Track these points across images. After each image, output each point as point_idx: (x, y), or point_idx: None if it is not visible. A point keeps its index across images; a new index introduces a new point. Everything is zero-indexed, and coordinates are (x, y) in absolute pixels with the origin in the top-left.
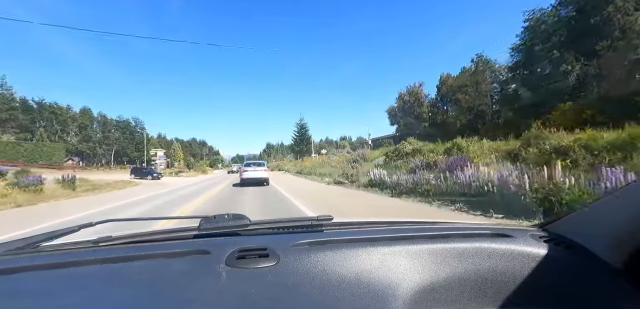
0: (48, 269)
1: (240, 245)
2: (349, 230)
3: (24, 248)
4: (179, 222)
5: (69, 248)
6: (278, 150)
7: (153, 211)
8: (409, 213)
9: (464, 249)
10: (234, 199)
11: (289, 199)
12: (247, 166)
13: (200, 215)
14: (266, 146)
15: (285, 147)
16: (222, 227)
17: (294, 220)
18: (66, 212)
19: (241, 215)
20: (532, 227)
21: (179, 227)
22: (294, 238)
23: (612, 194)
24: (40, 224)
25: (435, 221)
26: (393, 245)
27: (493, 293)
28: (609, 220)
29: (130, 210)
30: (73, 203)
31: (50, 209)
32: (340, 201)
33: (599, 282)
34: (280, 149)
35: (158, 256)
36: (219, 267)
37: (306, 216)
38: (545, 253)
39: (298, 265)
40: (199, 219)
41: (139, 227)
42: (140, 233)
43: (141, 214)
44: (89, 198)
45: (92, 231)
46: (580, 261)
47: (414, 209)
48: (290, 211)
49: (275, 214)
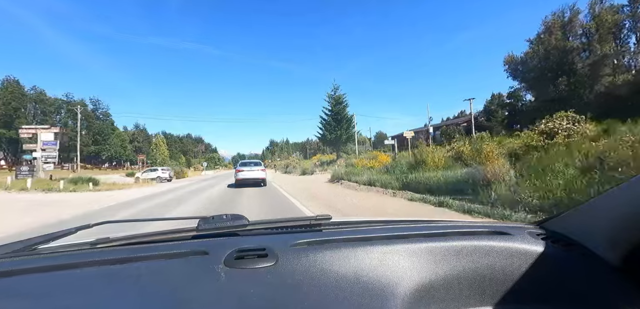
0: (46, 271)
1: (238, 245)
2: (347, 229)
3: (21, 250)
4: (177, 223)
5: (67, 250)
6: (283, 148)
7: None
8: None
9: (463, 247)
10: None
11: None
12: (243, 165)
13: (199, 216)
14: (270, 144)
15: (290, 145)
16: (220, 228)
17: (292, 220)
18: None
19: (239, 215)
20: (530, 225)
21: (177, 228)
22: (293, 238)
23: (611, 190)
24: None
25: (434, 219)
26: (392, 244)
27: (491, 290)
28: (607, 217)
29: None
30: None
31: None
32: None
33: (597, 280)
34: (285, 147)
35: (156, 257)
36: (217, 267)
37: (305, 216)
38: (543, 250)
39: (297, 265)
40: (197, 219)
41: (137, 229)
42: (138, 234)
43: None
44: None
45: (89, 233)
46: (578, 258)
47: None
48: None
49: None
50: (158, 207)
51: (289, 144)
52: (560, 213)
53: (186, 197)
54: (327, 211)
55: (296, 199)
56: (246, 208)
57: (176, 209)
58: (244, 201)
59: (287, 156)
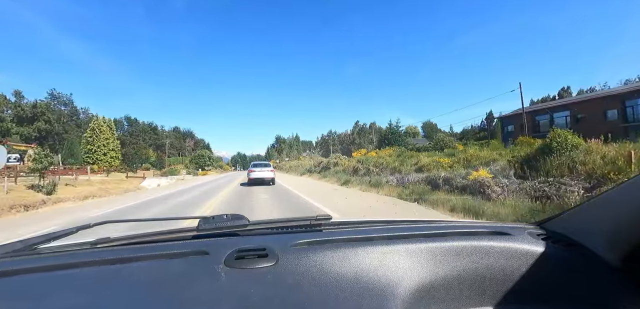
0: (46, 271)
1: (239, 245)
2: (347, 229)
3: (21, 250)
4: (178, 223)
5: (67, 250)
6: (291, 145)
7: None
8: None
9: (463, 248)
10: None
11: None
12: (254, 166)
13: (199, 216)
14: (276, 141)
15: (301, 142)
16: (220, 228)
17: (292, 220)
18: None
19: (240, 215)
20: (531, 225)
21: (178, 228)
22: (293, 238)
23: (611, 190)
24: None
25: (434, 219)
26: (392, 244)
27: (491, 291)
28: (607, 217)
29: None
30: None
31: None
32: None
33: (597, 280)
34: (295, 143)
35: (157, 257)
36: (218, 267)
37: (305, 216)
38: (543, 250)
39: (297, 265)
40: (198, 219)
41: (137, 229)
42: (138, 234)
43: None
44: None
45: (90, 233)
46: (578, 259)
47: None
48: None
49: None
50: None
51: (299, 141)
52: (561, 213)
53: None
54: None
55: None
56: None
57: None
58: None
59: (297, 155)
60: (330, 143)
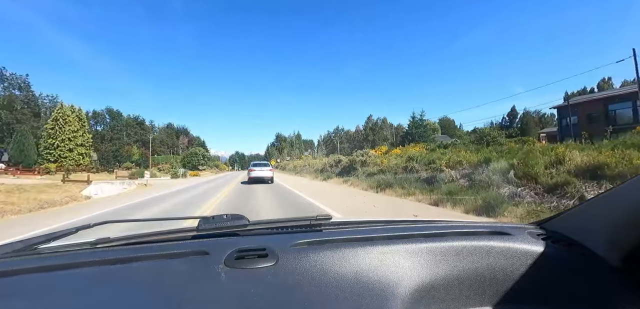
0: (46, 271)
1: (239, 245)
2: (347, 229)
3: (22, 250)
4: (178, 223)
5: (67, 250)
6: (293, 143)
7: None
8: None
9: (463, 248)
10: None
11: None
12: (254, 166)
13: (199, 216)
14: (276, 139)
15: (303, 141)
16: (220, 228)
17: (292, 220)
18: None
19: (240, 215)
20: (530, 225)
21: (178, 228)
22: (293, 238)
23: (611, 190)
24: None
25: (434, 219)
26: (392, 244)
27: (492, 291)
28: (607, 217)
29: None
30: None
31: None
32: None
33: (597, 280)
34: (296, 142)
35: (156, 257)
36: (217, 267)
37: (305, 216)
38: (543, 250)
39: (297, 265)
40: (198, 219)
41: (137, 229)
42: (138, 234)
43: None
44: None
45: (90, 233)
46: (578, 258)
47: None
48: None
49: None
50: None
51: (300, 139)
52: (561, 213)
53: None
54: None
55: None
56: None
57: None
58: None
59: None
60: (337, 141)
